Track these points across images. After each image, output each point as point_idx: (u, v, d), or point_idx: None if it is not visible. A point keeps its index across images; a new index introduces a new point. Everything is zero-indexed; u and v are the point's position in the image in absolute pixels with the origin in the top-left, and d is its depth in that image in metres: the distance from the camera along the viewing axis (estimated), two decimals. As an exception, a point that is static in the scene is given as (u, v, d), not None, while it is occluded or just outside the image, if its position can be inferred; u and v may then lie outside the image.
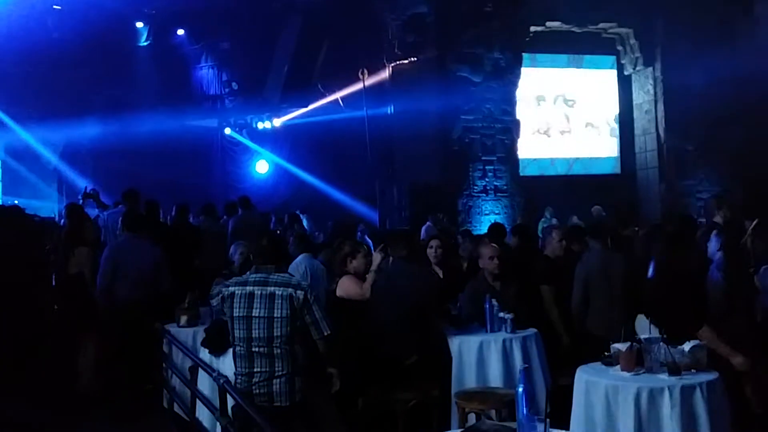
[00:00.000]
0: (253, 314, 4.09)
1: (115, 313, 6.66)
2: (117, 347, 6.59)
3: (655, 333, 4.28)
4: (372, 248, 6.68)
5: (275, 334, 4.07)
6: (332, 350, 4.27)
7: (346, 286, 5.77)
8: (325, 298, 5.94)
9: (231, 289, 4.22)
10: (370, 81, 14.38)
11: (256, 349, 4.09)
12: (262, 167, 15.58)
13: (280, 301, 4.08)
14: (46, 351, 7.60)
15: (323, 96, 14.05)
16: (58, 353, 8.12)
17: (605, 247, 6.19)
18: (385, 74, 14.46)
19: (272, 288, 4.12)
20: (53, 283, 7.91)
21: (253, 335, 4.09)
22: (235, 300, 4.15)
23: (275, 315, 4.07)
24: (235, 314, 4.14)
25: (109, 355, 6.77)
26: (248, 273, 4.39)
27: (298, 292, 4.10)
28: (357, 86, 14.40)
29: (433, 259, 6.45)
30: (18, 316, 6.35)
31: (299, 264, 6.77)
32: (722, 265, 4.92)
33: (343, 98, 14.63)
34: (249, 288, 4.15)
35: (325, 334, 4.15)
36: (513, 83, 14.91)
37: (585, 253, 6.29)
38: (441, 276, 6.34)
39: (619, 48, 16.52)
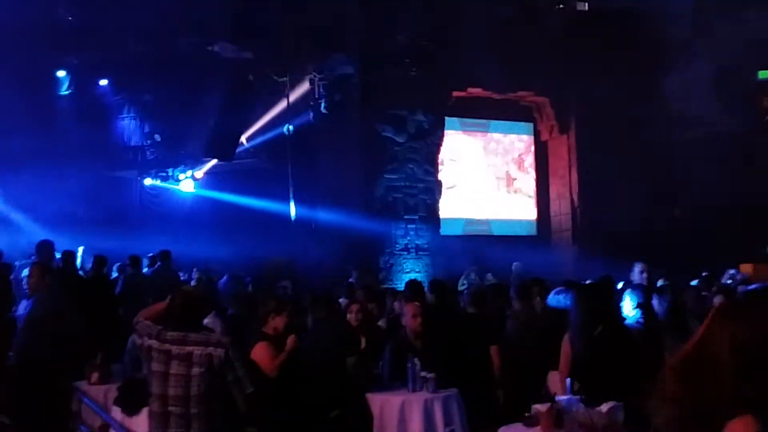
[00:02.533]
0: (171, 371, 3.94)
1: (20, 368, 6.35)
2: (21, 404, 6.26)
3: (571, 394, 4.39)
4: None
5: (192, 393, 3.91)
6: (253, 408, 4.15)
7: (259, 356, 5.26)
8: None
9: (148, 341, 4.06)
10: (296, 137, 14.48)
11: (172, 408, 3.92)
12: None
13: (197, 360, 3.93)
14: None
15: (247, 149, 14.04)
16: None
17: (528, 306, 6.36)
18: (310, 131, 14.59)
19: (190, 347, 3.96)
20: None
21: (169, 393, 3.93)
22: (153, 354, 4.00)
23: (192, 373, 3.93)
24: (153, 368, 4.00)
25: (13, 411, 6.44)
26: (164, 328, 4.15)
27: (218, 350, 3.95)
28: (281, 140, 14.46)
29: (354, 323, 6.37)
30: None
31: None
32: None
33: (267, 152, 14.63)
34: (166, 346, 3.99)
35: (247, 392, 4.02)
36: (435, 145, 15.33)
37: (509, 312, 6.45)
38: (363, 339, 6.28)
39: (536, 115, 17.24)
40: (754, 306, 1.92)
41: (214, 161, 14.66)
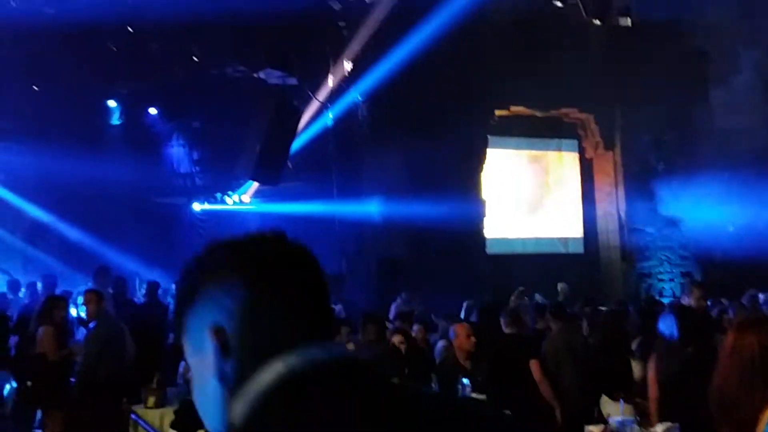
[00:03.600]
0: None
1: (80, 393, 6.52)
2: (83, 427, 6.42)
3: (626, 415, 4.35)
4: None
5: None
6: None
7: None
8: None
9: None
10: (339, 158, 14.63)
11: None
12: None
13: None
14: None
15: (293, 173, 14.21)
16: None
17: (567, 326, 6.31)
18: (354, 152, 14.73)
19: None
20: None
21: None
22: None
23: None
24: None
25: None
26: None
27: None
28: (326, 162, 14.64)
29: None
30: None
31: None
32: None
33: (313, 175, 14.79)
34: None
35: None
36: (478, 164, 15.30)
37: (549, 333, 6.41)
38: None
39: (581, 132, 17.11)
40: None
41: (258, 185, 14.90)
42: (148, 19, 12.02)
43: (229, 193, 15.38)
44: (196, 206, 15.45)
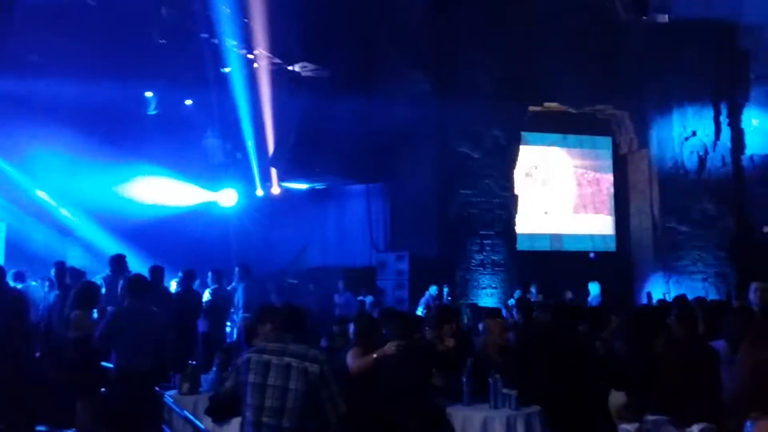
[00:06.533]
0: (268, 383, 4.04)
1: (116, 379, 6.62)
2: (117, 413, 6.53)
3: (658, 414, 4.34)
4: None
5: (287, 406, 3.99)
6: (344, 427, 4.16)
7: (350, 357, 5.76)
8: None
9: (248, 355, 4.21)
10: (372, 154, 14.68)
11: (266, 420, 4.00)
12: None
13: (295, 373, 4.02)
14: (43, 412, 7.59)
15: (327, 166, 14.28)
16: (56, 416, 8.09)
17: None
18: (388, 148, 14.76)
19: (288, 359, 4.06)
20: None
21: (265, 404, 4.02)
22: (251, 366, 4.11)
23: (289, 386, 4.01)
24: (249, 380, 4.09)
25: (108, 420, 6.72)
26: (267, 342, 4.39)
27: (314, 366, 4.03)
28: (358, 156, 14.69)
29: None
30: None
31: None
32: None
33: (344, 168, 14.84)
34: (266, 356, 4.11)
35: (341, 411, 4.05)
36: (511, 160, 15.25)
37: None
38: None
39: (615, 129, 16.94)
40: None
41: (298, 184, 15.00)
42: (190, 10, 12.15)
43: (264, 184, 15.50)
44: (227, 197, 15.52)
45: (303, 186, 15.59)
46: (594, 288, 14.18)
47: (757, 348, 2.44)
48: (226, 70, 13.71)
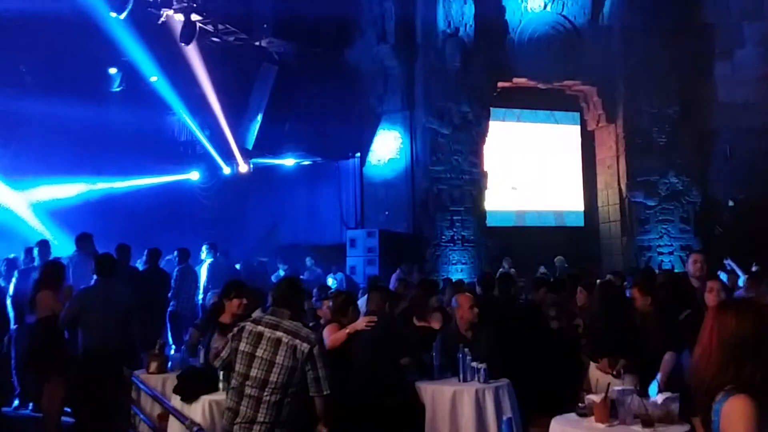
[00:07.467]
0: (257, 353, 4.09)
1: (83, 358, 6.56)
2: (84, 393, 6.48)
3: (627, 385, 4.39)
4: None
5: (271, 378, 4.03)
6: (328, 410, 4.17)
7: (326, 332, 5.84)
8: None
9: (243, 323, 4.28)
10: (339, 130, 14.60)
11: (248, 390, 4.05)
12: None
13: (284, 349, 4.07)
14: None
15: (296, 143, 14.19)
16: (25, 396, 8.01)
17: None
18: (355, 123, 14.70)
19: (280, 333, 4.11)
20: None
21: (251, 374, 4.07)
22: (243, 334, 4.18)
23: (276, 360, 4.05)
24: (241, 348, 4.15)
25: (76, 400, 6.67)
26: (265, 313, 4.44)
27: (304, 345, 4.07)
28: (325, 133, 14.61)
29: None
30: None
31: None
32: None
33: (314, 145, 14.77)
34: (260, 328, 4.17)
35: (324, 393, 4.09)
36: (481, 136, 15.25)
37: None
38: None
39: (583, 105, 17.02)
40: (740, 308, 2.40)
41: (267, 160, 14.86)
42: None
43: (230, 162, 15.37)
44: (195, 175, 15.41)
45: (272, 162, 15.46)
46: (560, 262, 14.37)
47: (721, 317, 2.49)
48: (192, 45, 13.46)
